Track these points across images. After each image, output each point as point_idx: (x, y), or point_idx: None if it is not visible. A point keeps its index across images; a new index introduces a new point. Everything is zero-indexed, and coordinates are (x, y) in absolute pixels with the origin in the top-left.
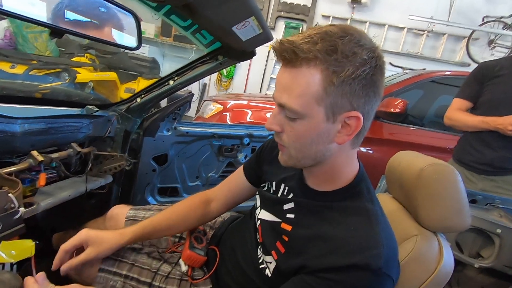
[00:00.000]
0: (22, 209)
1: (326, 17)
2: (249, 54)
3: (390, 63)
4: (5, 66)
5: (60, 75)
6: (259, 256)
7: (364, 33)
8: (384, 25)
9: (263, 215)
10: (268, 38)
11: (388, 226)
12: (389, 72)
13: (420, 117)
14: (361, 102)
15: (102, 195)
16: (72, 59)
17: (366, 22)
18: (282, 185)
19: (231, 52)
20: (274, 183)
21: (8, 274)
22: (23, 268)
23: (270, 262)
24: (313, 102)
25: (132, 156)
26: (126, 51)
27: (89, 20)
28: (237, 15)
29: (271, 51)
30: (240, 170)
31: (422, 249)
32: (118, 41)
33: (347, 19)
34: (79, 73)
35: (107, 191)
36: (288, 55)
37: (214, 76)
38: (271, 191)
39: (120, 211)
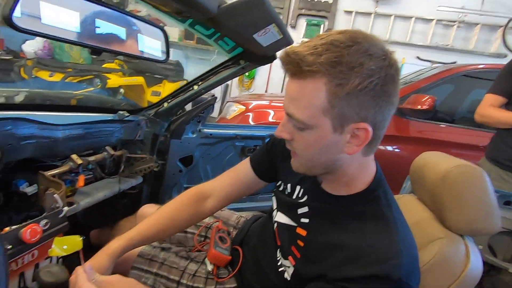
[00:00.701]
0: (65, 208)
1: (348, 12)
2: (270, 58)
3: (418, 57)
4: (45, 75)
5: (93, 81)
6: (278, 259)
7: (375, 40)
8: (411, 17)
9: (280, 217)
10: (289, 42)
11: (407, 232)
12: (417, 66)
13: (450, 114)
14: (371, 113)
15: (133, 195)
16: (103, 66)
17: (391, 15)
18: (298, 187)
19: (252, 56)
20: (289, 185)
21: (56, 267)
22: (67, 262)
23: (288, 267)
24: (319, 114)
25: (160, 157)
26: None
27: (124, 38)
28: (258, 23)
29: None
30: (245, 164)
31: (448, 253)
32: (149, 55)
33: (370, 14)
34: (110, 78)
35: (138, 191)
36: (294, 67)
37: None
38: (286, 193)
39: (149, 210)
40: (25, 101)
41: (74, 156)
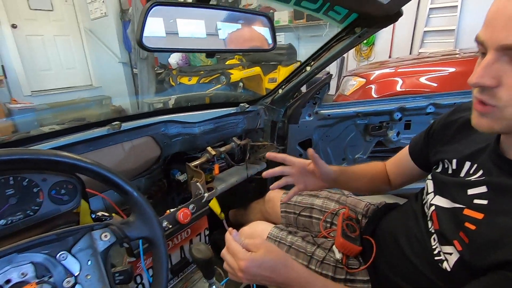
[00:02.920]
0: (206, 194)
1: None
2: (394, 17)
3: None
4: (185, 80)
5: (219, 79)
6: (434, 247)
7: None
8: None
9: (438, 201)
10: None
11: None
12: None
13: None
14: None
15: (260, 180)
16: (226, 63)
17: None
18: (468, 164)
19: (370, 20)
20: (454, 161)
21: (203, 245)
22: (210, 242)
23: (451, 254)
24: None
25: (280, 143)
26: None
27: (234, 35)
28: None
29: None
30: (405, 150)
31: None
32: (258, 46)
33: None
34: (232, 73)
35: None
36: None
37: None
38: (450, 171)
39: (275, 195)
40: (174, 105)
41: (209, 148)
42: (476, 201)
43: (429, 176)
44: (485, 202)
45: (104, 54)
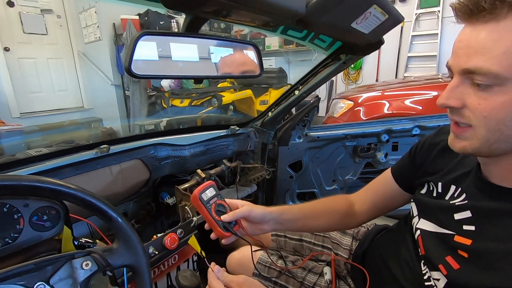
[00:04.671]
0: (195, 218)
1: None
2: (376, 45)
3: None
4: (177, 102)
5: (211, 101)
6: (424, 272)
7: None
8: None
9: (423, 224)
10: (399, 20)
11: None
12: None
13: None
14: None
15: (250, 202)
16: (218, 86)
17: None
18: (453, 187)
19: (354, 48)
20: (440, 184)
21: (190, 271)
22: (199, 268)
23: (438, 280)
24: None
25: (270, 165)
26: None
27: (222, 62)
28: (355, 10)
29: (404, 25)
30: (387, 174)
31: None
32: (245, 73)
33: None
34: (224, 96)
35: (254, 198)
36: (488, 4)
37: None
38: (434, 194)
39: None
40: (166, 127)
41: (199, 171)
42: (465, 227)
43: (412, 199)
44: (472, 228)
45: (97, 76)
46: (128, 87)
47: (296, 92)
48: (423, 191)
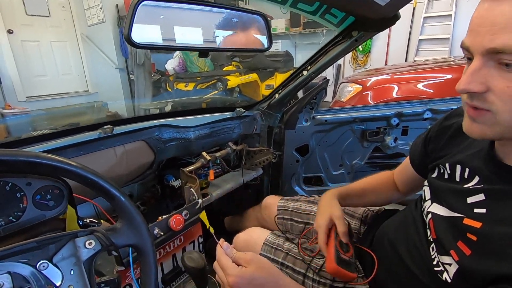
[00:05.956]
0: (200, 200)
1: None
2: (391, 20)
3: None
4: (182, 86)
5: (216, 85)
6: (433, 257)
7: None
8: None
9: (435, 208)
10: None
11: None
12: None
13: None
14: None
15: (256, 186)
16: (223, 69)
17: None
18: (459, 167)
19: (367, 23)
20: (447, 164)
21: (196, 253)
22: (204, 250)
23: (450, 264)
24: None
25: (276, 149)
26: None
27: (228, 33)
28: None
29: (417, 6)
30: (408, 158)
31: None
32: (253, 46)
33: None
34: (229, 80)
35: (260, 182)
36: None
37: (348, 54)
38: (446, 176)
39: (272, 201)
40: (171, 110)
41: (204, 153)
42: (476, 210)
43: (426, 183)
44: (483, 210)
45: (101, 60)
46: (133, 70)
47: (305, 73)
48: (435, 174)
